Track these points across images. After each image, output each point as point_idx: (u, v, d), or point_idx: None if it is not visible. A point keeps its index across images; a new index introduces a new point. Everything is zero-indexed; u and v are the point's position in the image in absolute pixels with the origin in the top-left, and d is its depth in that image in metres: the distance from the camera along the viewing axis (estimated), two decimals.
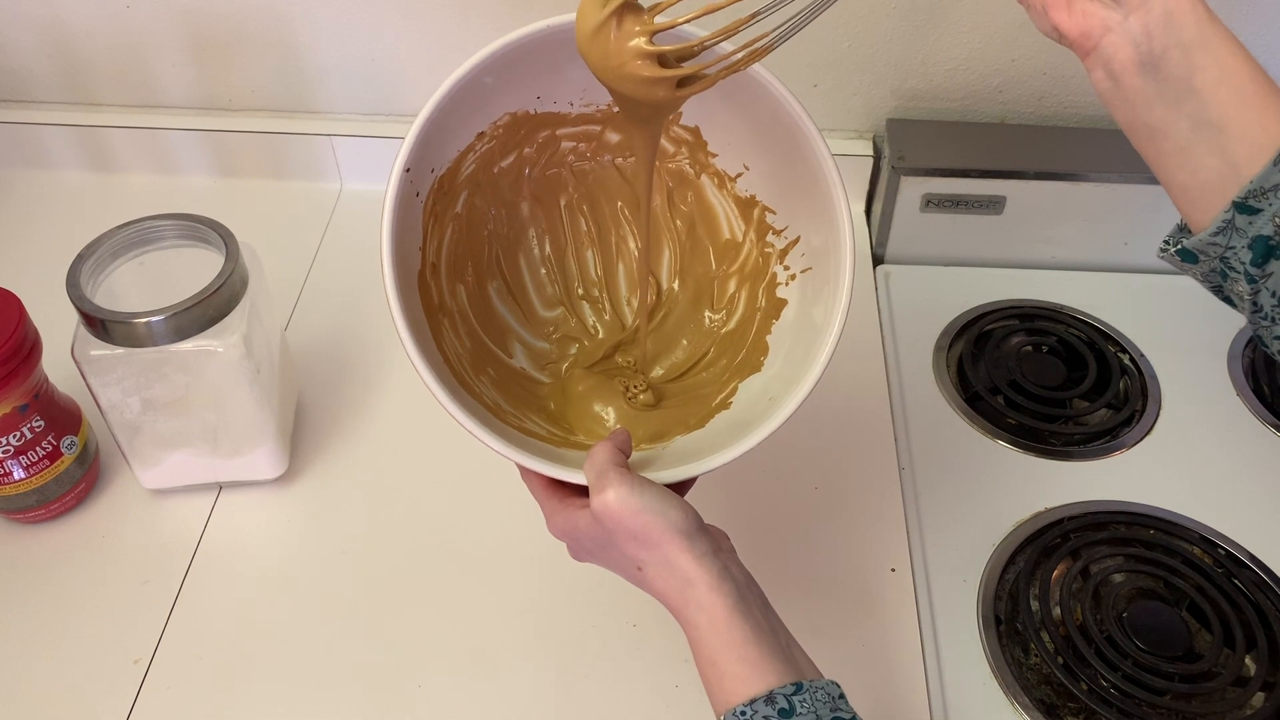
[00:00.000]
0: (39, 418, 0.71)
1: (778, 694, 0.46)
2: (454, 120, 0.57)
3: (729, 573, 0.50)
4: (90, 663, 0.67)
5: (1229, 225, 0.48)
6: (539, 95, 0.61)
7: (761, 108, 0.57)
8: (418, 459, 0.79)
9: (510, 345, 0.67)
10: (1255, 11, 0.87)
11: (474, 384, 0.61)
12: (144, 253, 0.71)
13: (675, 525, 0.50)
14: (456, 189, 0.62)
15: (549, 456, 0.55)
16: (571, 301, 0.70)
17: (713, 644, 0.48)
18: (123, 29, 0.95)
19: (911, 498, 0.77)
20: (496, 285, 0.67)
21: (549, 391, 0.67)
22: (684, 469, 0.54)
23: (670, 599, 0.50)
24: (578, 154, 0.66)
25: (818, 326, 0.58)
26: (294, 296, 0.92)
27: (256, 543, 0.75)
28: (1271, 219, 0.47)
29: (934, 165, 0.90)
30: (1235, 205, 0.47)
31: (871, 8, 0.89)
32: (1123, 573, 0.72)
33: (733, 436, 0.56)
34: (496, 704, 0.66)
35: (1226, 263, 0.49)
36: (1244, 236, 0.48)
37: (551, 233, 0.68)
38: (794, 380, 0.57)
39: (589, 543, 0.53)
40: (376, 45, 0.95)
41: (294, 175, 1.03)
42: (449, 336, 0.62)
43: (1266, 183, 0.47)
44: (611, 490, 0.50)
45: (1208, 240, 0.49)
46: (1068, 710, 0.66)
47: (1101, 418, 0.84)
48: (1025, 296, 0.93)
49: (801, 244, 0.63)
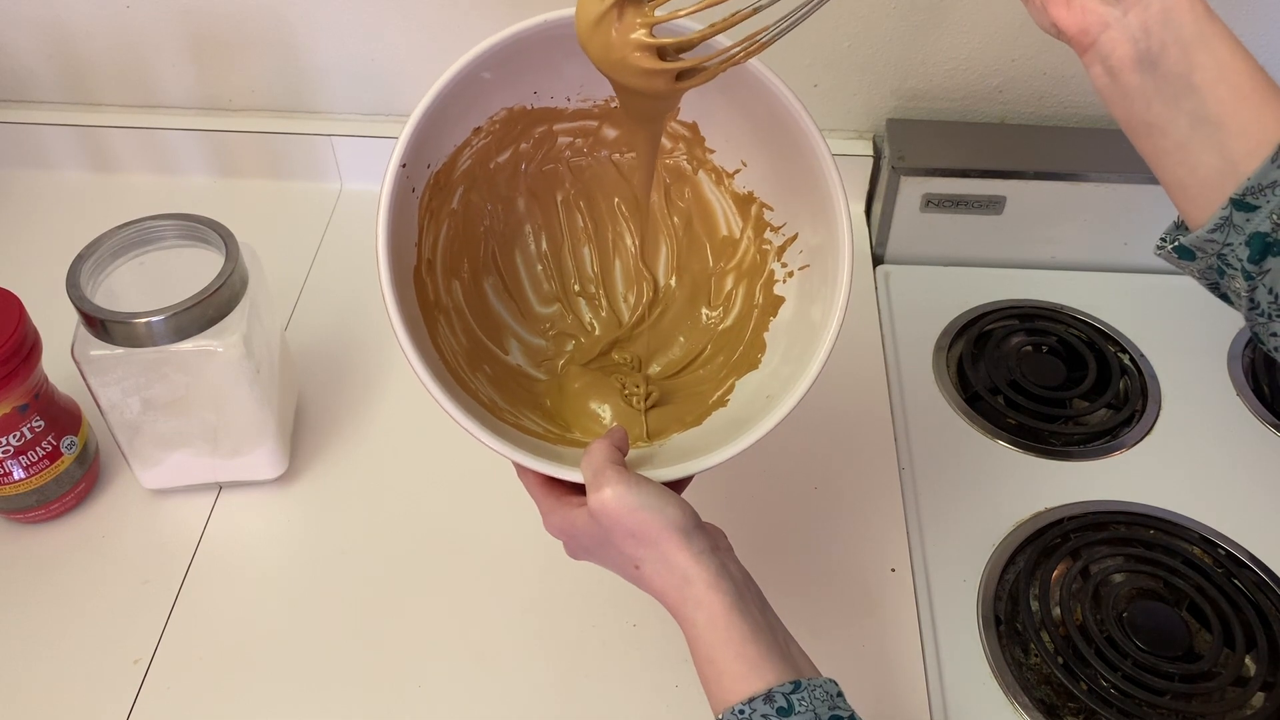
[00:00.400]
0: (39, 418, 0.71)
1: (776, 692, 0.46)
2: (450, 115, 0.57)
3: (727, 570, 0.50)
4: (90, 663, 0.67)
5: (1226, 222, 0.48)
6: (536, 90, 0.61)
7: (760, 104, 0.57)
8: (418, 459, 0.79)
9: (506, 342, 0.67)
10: (1255, 10, 0.88)
11: (470, 381, 0.61)
12: (144, 253, 0.71)
13: (673, 523, 0.50)
14: (453, 185, 0.62)
15: (546, 454, 0.55)
16: (568, 298, 0.69)
17: (711, 642, 0.48)
18: (123, 29, 0.95)
19: (911, 498, 0.77)
20: (492, 282, 0.67)
21: (545, 389, 0.66)
22: (681, 467, 0.54)
23: (668, 597, 0.50)
24: (574, 149, 0.66)
25: (816, 324, 0.58)
26: (294, 296, 0.92)
27: (256, 543, 0.75)
28: (1269, 216, 0.47)
29: (934, 165, 0.90)
30: (1233, 202, 0.47)
31: (871, 8, 0.89)
32: (1123, 573, 0.72)
33: (730, 434, 0.56)
34: (496, 704, 0.66)
35: (1224, 259, 0.49)
36: (1241, 233, 0.48)
37: (548, 229, 0.68)
38: (792, 378, 0.57)
39: (586, 540, 0.53)
40: (376, 45, 0.95)
41: (294, 175, 1.03)
42: (445, 333, 0.62)
43: (1264, 179, 0.47)
44: (609, 488, 0.50)
45: (1205, 237, 0.49)
46: (1068, 710, 0.66)
47: (1101, 418, 0.84)
48: (1025, 296, 0.93)
49: (799, 241, 0.63)
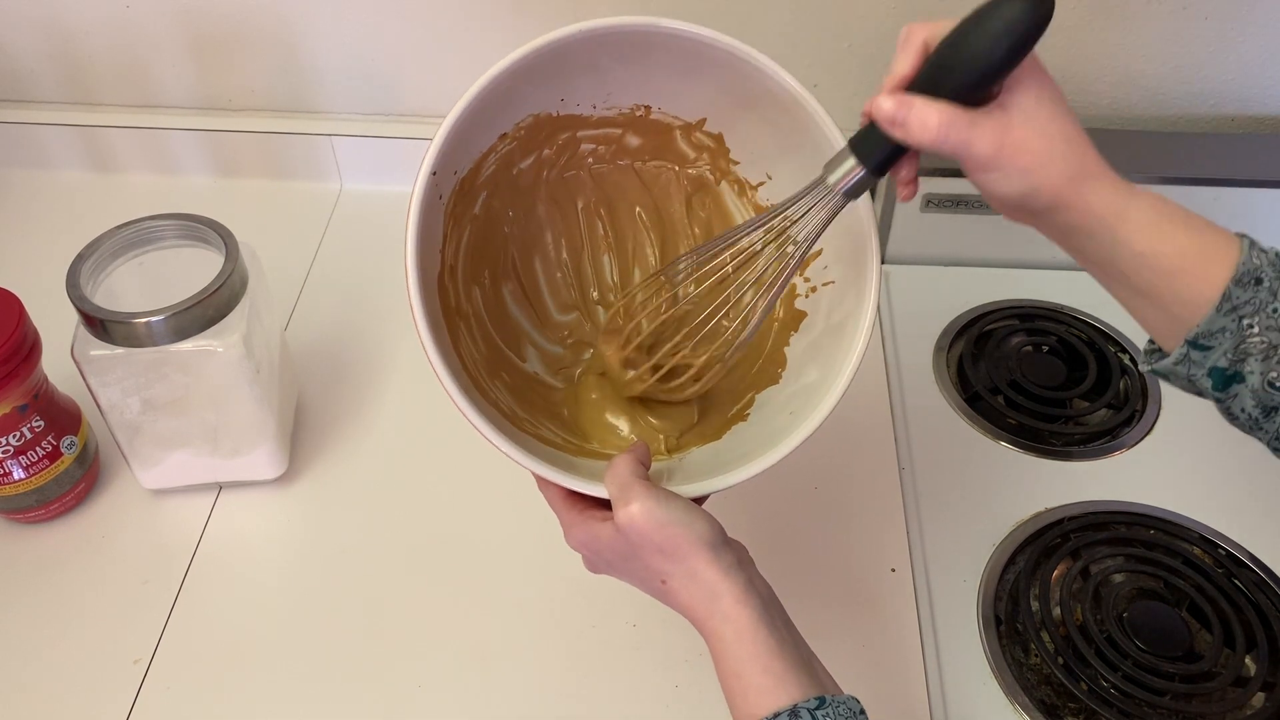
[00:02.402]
0: (39, 418, 0.71)
1: (801, 708, 0.46)
2: (481, 121, 0.57)
3: (753, 585, 0.50)
4: (90, 663, 0.67)
5: (1186, 358, 0.50)
6: (563, 97, 0.61)
7: (787, 119, 0.57)
8: (417, 459, 0.79)
9: (524, 350, 0.66)
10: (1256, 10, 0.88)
11: (490, 389, 0.60)
12: (144, 253, 0.71)
13: (701, 538, 0.50)
14: (476, 190, 0.61)
15: (564, 465, 0.54)
16: (587, 306, 0.69)
17: (738, 656, 0.48)
18: (123, 29, 0.95)
19: (911, 498, 0.77)
20: (511, 288, 0.66)
21: (563, 398, 0.66)
22: (709, 482, 0.54)
23: (695, 611, 0.50)
24: (597, 157, 0.65)
25: (840, 341, 0.58)
26: (294, 296, 0.92)
27: (256, 543, 0.75)
28: (1224, 354, 0.49)
29: (934, 165, 0.90)
30: (1188, 343, 0.49)
31: (871, 8, 0.89)
32: (1123, 573, 0.72)
33: (751, 449, 0.55)
34: (496, 704, 0.66)
35: (1194, 383, 0.52)
36: (1201, 367, 0.50)
37: (568, 236, 0.68)
38: (815, 393, 0.56)
39: (610, 555, 0.53)
40: (376, 45, 0.95)
41: (294, 175, 1.03)
42: (465, 340, 0.61)
43: (1212, 326, 0.48)
44: (637, 503, 0.50)
45: (1170, 368, 0.51)
46: (1068, 710, 0.66)
47: (1101, 418, 0.84)
48: (1025, 296, 0.93)
49: (824, 257, 0.62)
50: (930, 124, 0.46)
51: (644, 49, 0.57)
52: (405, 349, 0.87)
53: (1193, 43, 0.89)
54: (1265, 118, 0.95)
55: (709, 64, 0.56)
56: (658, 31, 0.54)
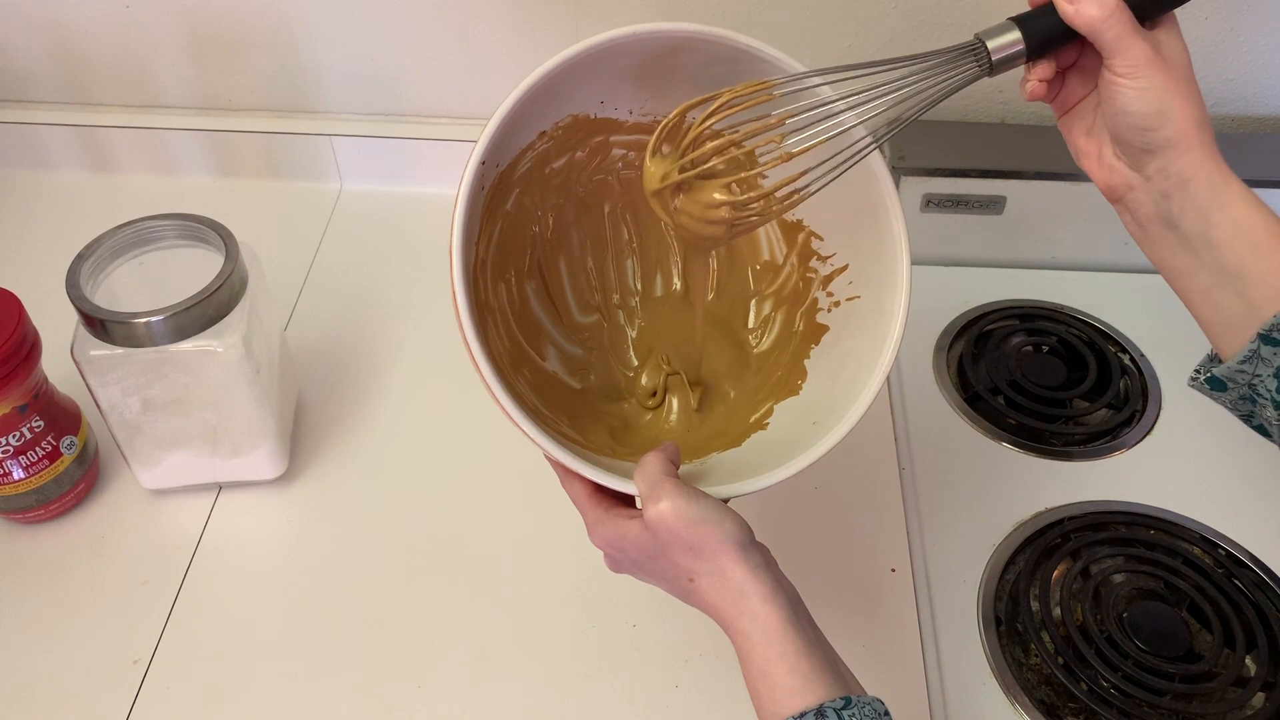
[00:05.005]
0: (39, 418, 0.71)
1: (828, 708, 0.46)
2: (527, 114, 0.57)
3: (781, 586, 0.50)
4: (90, 663, 0.67)
5: (1255, 355, 0.51)
6: (603, 100, 0.61)
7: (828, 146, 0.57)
8: (417, 459, 0.79)
9: (544, 348, 0.66)
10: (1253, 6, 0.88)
11: (515, 384, 0.60)
12: (144, 253, 0.71)
13: (731, 537, 0.50)
14: (510, 186, 0.61)
15: (590, 462, 0.54)
16: (608, 309, 0.69)
17: (765, 656, 0.48)
18: (123, 29, 0.95)
19: (911, 498, 0.77)
20: (534, 286, 0.66)
21: (582, 403, 0.66)
22: (737, 485, 0.54)
23: (722, 610, 0.50)
24: (626, 163, 0.65)
25: (864, 356, 0.58)
26: (294, 296, 0.92)
27: (256, 543, 0.75)
28: None
29: (934, 165, 0.90)
30: (1260, 337, 0.50)
31: (871, 7, 0.89)
32: (1123, 573, 0.72)
33: (774, 456, 0.56)
34: (496, 704, 0.66)
35: (1254, 389, 0.52)
36: (1269, 365, 0.50)
37: (594, 238, 0.68)
38: (838, 406, 0.57)
39: (635, 553, 0.53)
40: (376, 45, 0.95)
41: (294, 175, 1.03)
42: (493, 335, 0.61)
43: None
44: (667, 500, 0.50)
45: (1235, 368, 0.52)
46: (1068, 710, 0.66)
47: (1101, 418, 0.84)
48: (1025, 296, 0.93)
49: (850, 272, 0.62)
50: (1108, 3, 0.49)
51: (677, 55, 0.56)
52: (405, 349, 0.87)
53: (1193, 43, 0.88)
54: (1265, 118, 0.95)
55: (748, 75, 0.55)
56: (707, 39, 0.54)
